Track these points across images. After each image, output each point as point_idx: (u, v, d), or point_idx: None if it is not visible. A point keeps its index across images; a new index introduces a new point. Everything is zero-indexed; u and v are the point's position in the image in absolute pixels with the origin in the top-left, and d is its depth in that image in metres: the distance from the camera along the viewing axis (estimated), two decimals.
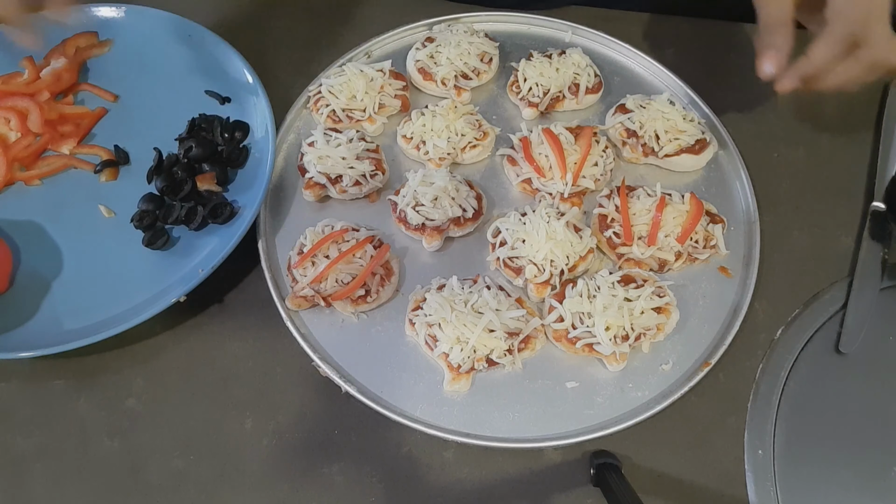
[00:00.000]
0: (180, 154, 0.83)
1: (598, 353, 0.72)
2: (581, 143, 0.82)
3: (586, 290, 0.73)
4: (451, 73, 0.89)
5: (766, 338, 0.77)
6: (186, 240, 0.80)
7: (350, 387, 0.72)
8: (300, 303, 0.75)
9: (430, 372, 0.74)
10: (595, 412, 0.72)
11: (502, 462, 0.70)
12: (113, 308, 0.75)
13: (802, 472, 0.70)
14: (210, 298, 0.78)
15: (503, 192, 0.86)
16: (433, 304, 0.72)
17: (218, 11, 0.99)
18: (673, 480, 0.70)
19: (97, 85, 0.92)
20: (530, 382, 0.73)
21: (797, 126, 0.91)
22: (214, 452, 0.71)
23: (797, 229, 0.84)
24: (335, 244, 0.76)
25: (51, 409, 0.73)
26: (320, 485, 0.69)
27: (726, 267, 0.80)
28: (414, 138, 0.85)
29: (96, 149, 0.87)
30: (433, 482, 0.69)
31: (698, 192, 0.81)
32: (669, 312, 0.73)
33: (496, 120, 0.91)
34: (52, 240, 0.81)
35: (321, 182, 0.81)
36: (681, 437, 0.72)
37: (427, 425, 0.70)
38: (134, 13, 0.95)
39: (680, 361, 0.74)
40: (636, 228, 0.78)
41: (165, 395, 0.74)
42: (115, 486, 0.69)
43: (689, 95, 0.91)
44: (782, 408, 0.73)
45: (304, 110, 0.90)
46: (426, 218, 0.78)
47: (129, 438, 0.72)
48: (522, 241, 0.76)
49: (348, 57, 0.93)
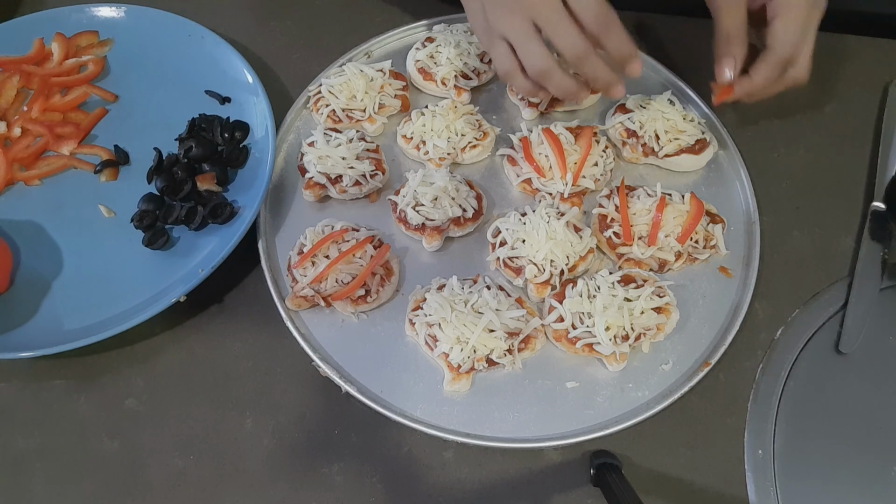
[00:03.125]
0: (180, 154, 0.83)
1: (598, 353, 0.72)
2: (581, 143, 0.82)
3: (586, 290, 0.73)
4: (451, 73, 0.89)
5: (766, 338, 0.77)
6: (186, 240, 0.80)
7: (350, 387, 0.72)
8: (300, 303, 0.75)
9: (430, 372, 0.74)
10: (595, 412, 0.72)
11: (502, 462, 0.70)
12: (113, 308, 0.75)
13: (802, 472, 0.70)
14: (210, 298, 0.78)
15: (503, 192, 0.86)
16: (433, 304, 0.72)
17: (218, 11, 0.99)
18: (673, 480, 0.70)
19: (97, 85, 0.92)
20: (530, 382, 0.73)
21: (797, 126, 0.91)
22: (214, 452, 0.71)
23: (797, 229, 0.84)
24: (335, 244, 0.76)
25: (51, 409, 0.73)
26: (320, 485, 0.69)
27: (726, 267, 0.80)
28: (414, 138, 0.85)
29: (96, 149, 0.87)
30: (433, 482, 0.69)
31: (698, 192, 0.81)
32: (669, 312, 0.73)
33: (496, 120, 0.91)
34: (52, 240, 0.81)
35: (321, 182, 0.81)
36: (681, 437, 0.72)
37: (427, 425, 0.70)
38: (134, 13, 0.95)
39: (680, 361, 0.74)
40: (636, 228, 0.78)
41: (165, 395, 0.74)
42: (114, 486, 0.69)
43: (690, 95, 0.91)
44: (782, 408, 0.73)
45: (304, 110, 0.90)
46: (426, 218, 0.78)
47: (129, 438, 0.72)
48: (522, 241, 0.76)
49: (348, 57, 0.93)
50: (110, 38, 0.95)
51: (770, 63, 0.75)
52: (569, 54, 0.71)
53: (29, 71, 0.90)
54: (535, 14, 0.69)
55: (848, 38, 0.97)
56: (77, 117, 0.89)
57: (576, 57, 0.71)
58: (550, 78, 0.73)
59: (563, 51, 0.71)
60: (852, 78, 0.95)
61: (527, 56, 0.72)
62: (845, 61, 0.96)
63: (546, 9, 0.69)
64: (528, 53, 0.71)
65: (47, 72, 0.91)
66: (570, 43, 0.70)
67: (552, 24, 0.69)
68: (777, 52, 0.74)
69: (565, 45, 0.70)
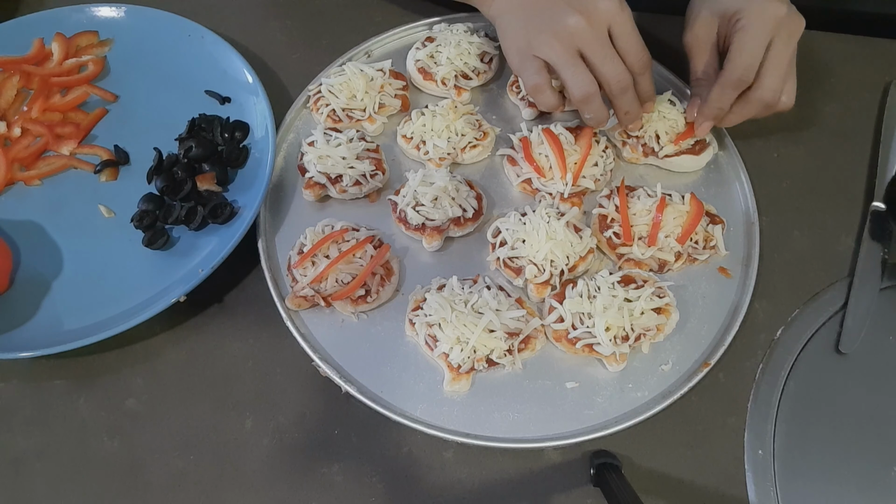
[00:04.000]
0: (180, 154, 0.83)
1: (598, 354, 0.72)
2: (581, 143, 0.82)
3: (586, 290, 0.73)
4: (451, 73, 0.89)
5: (766, 338, 0.77)
6: (186, 240, 0.80)
7: (350, 387, 0.72)
8: (300, 303, 0.75)
9: (430, 372, 0.74)
10: (595, 412, 0.72)
11: (502, 462, 0.70)
12: (113, 308, 0.75)
13: (802, 472, 0.70)
14: (210, 298, 0.78)
15: (503, 192, 0.86)
16: (433, 304, 0.72)
17: (218, 11, 0.99)
18: (673, 480, 0.70)
19: (97, 85, 0.92)
20: (530, 382, 0.73)
21: (797, 126, 0.91)
22: (214, 452, 0.71)
23: (797, 229, 0.84)
24: (335, 244, 0.76)
25: (51, 409, 0.73)
26: (320, 485, 0.69)
27: (726, 267, 0.80)
28: (414, 138, 0.85)
29: (96, 149, 0.87)
30: (433, 482, 0.69)
31: (698, 193, 0.81)
32: (669, 313, 0.73)
33: (496, 120, 0.91)
34: (52, 240, 0.81)
35: (321, 182, 0.81)
36: (681, 437, 0.72)
37: (427, 425, 0.70)
38: (134, 13, 0.95)
39: (680, 361, 0.74)
40: (636, 229, 0.78)
41: (165, 395, 0.74)
42: (115, 486, 0.69)
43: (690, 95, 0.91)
44: (782, 408, 0.73)
45: (304, 110, 0.90)
46: (426, 218, 0.78)
47: (129, 438, 0.72)
48: (522, 241, 0.76)
49: (348, 57, 0.93)
50: (110, 38, 0.95)
51: (720, 84, 0.77)
52: (615, 85, 0.76)
53: (29, 71, 0.90)
54: (582, 45, 0.74)
55: (848, 38, 0.97)
56: (77, 117, 0.89)
57: (621, 88, 0.76)
58: (591, 103, 0.77)
59: (610, 80, 0.76)
60: (852, 78, 0.95)
61: (575, 80, 0.75)
62: (845, 61, 0.96)
63: (596, 42, 0.74)
64: (575, 77, 0.75)
65: (47, 72, 0.91)
66: (619, 75, 0.75)
67: (601, 56, 0.74)
68: (726, 74, 0.76)
69: (613, 76, 0.75)
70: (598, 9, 0.73)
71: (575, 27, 0.73)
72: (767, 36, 0.75)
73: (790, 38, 0.76)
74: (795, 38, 0.77)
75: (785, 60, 0.76)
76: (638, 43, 0.76)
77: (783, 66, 0.76)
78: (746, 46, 0.75)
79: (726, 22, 0.78)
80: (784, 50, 0.76)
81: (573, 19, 0.73)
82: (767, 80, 0.76)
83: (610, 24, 0.74)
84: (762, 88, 0.77)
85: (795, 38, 0.77)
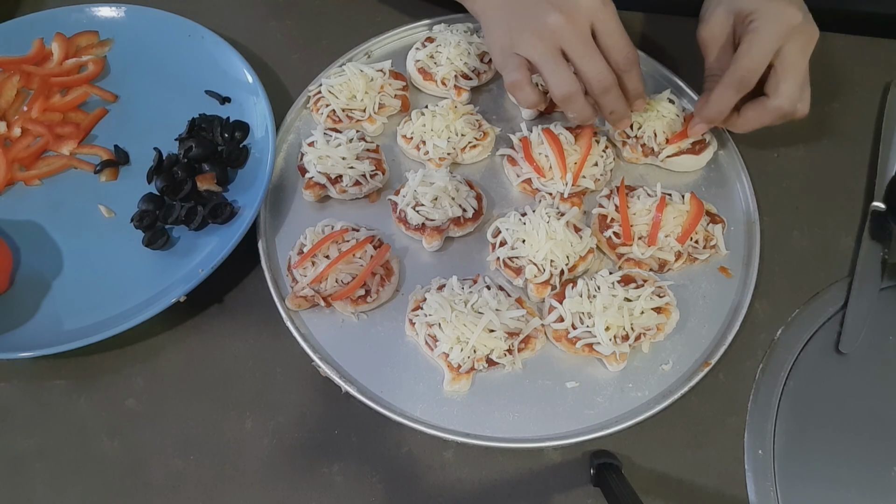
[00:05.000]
0: (180, 154, 0.83)
1: (598, 353, 0.72)
2: (581, 143, 0.82)
3: (586, 290, 0.73)
4: (451, 73, 0.89)
5: (766, 338, 0.77)
6: (186, 240, 0.80)
7: (350, 387, 0.72)
8: (300, 303, 0.75)
9: (430, 372, 0.74)
10: (595, 412, 0.72)
11: (502, 462, 0.70)
12: (113, 308, 0.75)
13: (802, 472, 0.70)
14: (210, 298, 0.78)
15: (503, 192, 0.86)
16: (433, 304, 0.72)
17: (218, 11, 0.99)
18: (673, 480, 0.70)
19: (97, 85, 0.92)
20: (530, 382, 0.73)
21: (797, 126, 0.90)
22: (214, 452, 0.71)
23: (797, 229, 0.84)
24: (335, 244, 0.76)
25: (51, 409, 0.73)
26: (320, 485, 0.69)
27: (726, 267, 0.80)
28: (414, 138, 0.85)
29: (96, 149, 0.87)
30: (433, 482, 0.69)
31: (698, 193, 0.81)
32: (669, 312, 0.73)
33: (496, 120, 0.91)
34: (52, 240, 0.81)
35: (321, 182, 0.81)
36: (681, 437, 0.72)
37: (427, 425, 0.70)
38: (134, 13, 0.95)
39: (680, 361, 0.74)
40: (636, 228, 0.78)
41: (165, 395, 0.74)
42: (114, 486, 0.69)
43: (689, 95, 0.91)
44: (782, 408, 0.73)
45: (304, 110, 0.90)
46: (426, 218, 0.78)
47: (129, 438, 0.72)
48: (522, 241, 0.76)
49: (348, 57, 0.93)
50: (110, 38, 0.95)
51: (722, 84, 0.76)
52: (596, 84, 0.74)
53: (29, 71, 0.90)
54: (564, 42, 0.72)
55: (848, 38, 0.97)
56: (77, 117, 0.89)
57: (602, 87, 0.75)
58: (573, 102, 0.75)
59: (591, 80, 0.74)
60: (852, 78, 0.95)
61: (555, 78, 0.74)
62: (845, 61, 0.96)
63: (577, 40, 0.72)
64: (556, 76, 0.74)
65: (47, 72, 0.91)
66: (600, 74, 0.74)
67: (581, 54, 0.73)
68: (728, 74, 0.75)
69: (594, 75, 0.74)
70: (580, 6, 0.72)
71: (556, 25, 0.72)
72: (778, 41, 0.74)
73: (806, 47, 0.75)
74: (811, 48, 0.76)
75: (802, 69, 0.75)
76: (622, 39, 0.74)
77: (800, 74, 0.75)
78: (753, 49, 0.74)
79: (741, 21, 0.77)
80: (801, 58, 0.75)
81: (554, 17, 0.71)
82: (784, 88, 0.75)
83: (592, 21, 0.72)
84: (780, 97, 0.75)
85: (810, 47, 0.76)
